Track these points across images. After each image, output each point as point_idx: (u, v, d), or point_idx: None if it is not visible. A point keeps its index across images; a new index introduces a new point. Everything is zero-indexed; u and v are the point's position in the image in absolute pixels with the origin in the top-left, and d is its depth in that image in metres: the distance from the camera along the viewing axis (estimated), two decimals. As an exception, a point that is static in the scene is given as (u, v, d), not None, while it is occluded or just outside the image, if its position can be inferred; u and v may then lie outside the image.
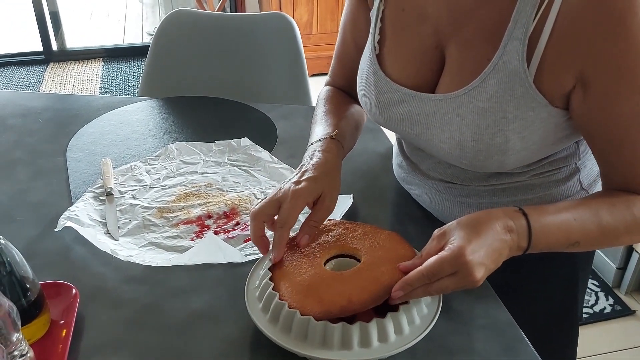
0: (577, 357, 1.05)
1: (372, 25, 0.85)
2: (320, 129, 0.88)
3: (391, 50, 0.83)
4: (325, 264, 0.73)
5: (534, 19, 0.69)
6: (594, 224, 0.72)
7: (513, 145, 0.75)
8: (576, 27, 0.67)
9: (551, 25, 0.68)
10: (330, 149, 0.83)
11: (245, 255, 0.84)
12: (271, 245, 0.75)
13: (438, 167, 0.88)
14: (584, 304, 1.91)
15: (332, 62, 1.00)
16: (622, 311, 1.90)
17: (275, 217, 0.75)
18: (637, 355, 1.76)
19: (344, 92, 1.00)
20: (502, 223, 0.69)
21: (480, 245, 0.66)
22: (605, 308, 1.91)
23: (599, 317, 1.88)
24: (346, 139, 0.88)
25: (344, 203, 0.93)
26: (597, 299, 1.95)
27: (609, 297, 1.95)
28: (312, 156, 0.82)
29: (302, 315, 0.66)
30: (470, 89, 0.74)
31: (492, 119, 0.73)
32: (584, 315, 1.88)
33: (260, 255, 0.81)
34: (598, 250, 2.02)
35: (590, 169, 0.87)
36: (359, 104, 0.97)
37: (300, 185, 0.75)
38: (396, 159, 0.99)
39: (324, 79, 1.06)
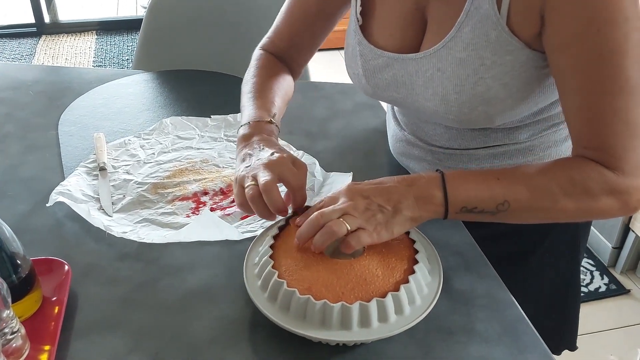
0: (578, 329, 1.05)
1: None
2: (256, 108, 0.86)
3: (375, 19, 0.83)
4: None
5: None
6: (521, 182, 0.69)
7: (496, 93, 0.74)
8: None
9: None
10: (268, 132, 0.82)
11: (242, 233, 0.83)
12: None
13: (435, 135, 0.88)
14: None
15: (278, 21, 0.97)
16: (617, 290, 1.91)
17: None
18: (632, 334, 1.77)
19: (278, 58, 0.97)
20: (399, 178, 0.71)
21: (366, 184, 0.70)
22: (600, 287, 1.92)
23: (594, 296, 1.89)
24: (279, 117, 0.88)
25: (342, 181, 0.91)
26: (593, 278, 1.95)
27: (604, 276, 1.96)
28: (253, 139, 0.80)
29: None
30: (448, 40, 0.74)
31: (472, 68, 0.73)
32: (579, 294, 1.89)
33: (258, 232, 0.80)
34: (594, 229, 2.03)
35: None
36: (290, 71, 0.97)
37: (280, 155, 0.75)
38: (394, 135, 0.98)
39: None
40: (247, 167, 0.75)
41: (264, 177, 0.71)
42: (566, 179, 0.69)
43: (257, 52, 0.98)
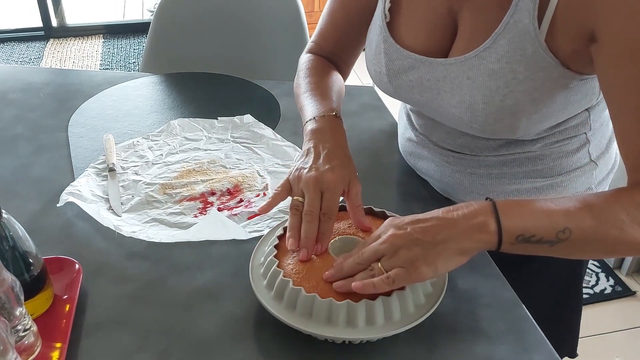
0: (579, 336, 1.06)
1: None
2: (317, 103, 0.86)
3: (403, 18, 0.82)
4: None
5: None
6: (581, 208, 0.62)
7: (524, 107, 0.73)
8: None
9: None
10: (338, 128, 0.82)
11: (249, 232, 0.84)
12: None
13: (448, 138, 0.88)
14: (585, 285, 1.91)
15: (321, 25, 0.97)
16: (622, 292, 1.91)
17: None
18: (637, 336, 1.77)
19: (326, 59, 0.98)
20: (444, 208, 0.65)
21: (408, 217, 0.66)
22: (605, 289, 1.92)
23: (600, 297, 1.89)
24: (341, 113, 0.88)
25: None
26: (598, 279, 1.95)
27: (610, 278, 1.95)
28: (323, 136, 0.80)
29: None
30: (481, 50, 0.73)
31: (503, 80, 0.73)
32: (585, 296, 1.88)
33: (265, 232, 0.81)
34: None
35: (599, 141, 0.87)
36: (339, 72, 0.97)
37: (336, 174, 0.74)
38: (404, 133, 0.98)
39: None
40: (302, 167, 0.76)
41: (310, 204, 0.72)
42: (633, 205, 0.62)
43: (304, 56, 0.98)
